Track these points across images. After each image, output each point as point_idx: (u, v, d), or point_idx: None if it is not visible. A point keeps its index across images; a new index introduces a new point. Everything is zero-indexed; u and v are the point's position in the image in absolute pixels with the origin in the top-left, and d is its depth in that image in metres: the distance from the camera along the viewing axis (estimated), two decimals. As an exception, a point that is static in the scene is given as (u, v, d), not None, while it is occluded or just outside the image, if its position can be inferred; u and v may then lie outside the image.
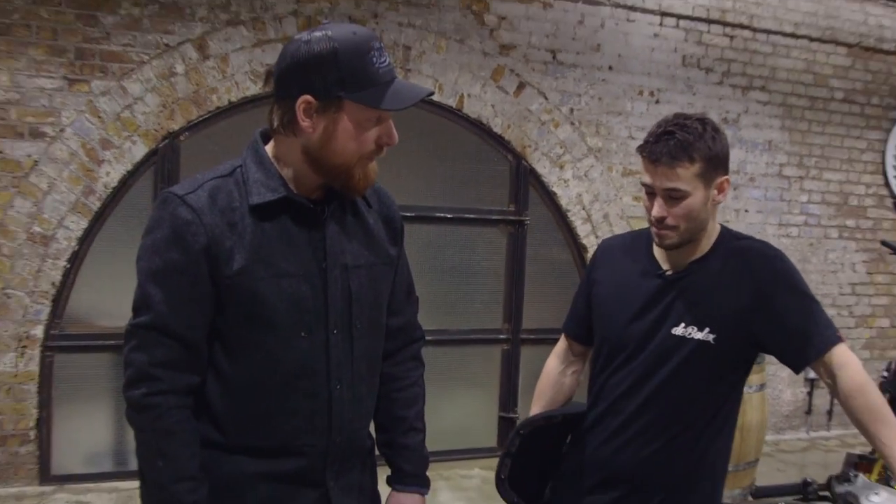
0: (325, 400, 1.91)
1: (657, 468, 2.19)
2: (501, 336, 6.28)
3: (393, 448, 2.20)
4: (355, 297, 1.94)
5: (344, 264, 1.92)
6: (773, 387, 6.94)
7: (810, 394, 7.38)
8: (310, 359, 1.89)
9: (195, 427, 1.87)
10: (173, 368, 1.82)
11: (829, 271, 7.38)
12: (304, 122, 1.80)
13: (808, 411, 7.40)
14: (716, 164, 2.10)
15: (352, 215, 1.97)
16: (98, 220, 5.17)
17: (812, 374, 7.03)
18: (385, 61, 1.81)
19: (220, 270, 1.80)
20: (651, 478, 2.20)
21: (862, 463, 3.75)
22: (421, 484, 2.21)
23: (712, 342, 2.12)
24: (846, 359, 2.10)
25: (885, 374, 4.57)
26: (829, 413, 7.47)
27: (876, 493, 2.00)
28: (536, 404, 2.53)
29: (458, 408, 6.12)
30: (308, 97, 1.78)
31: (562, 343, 2.55)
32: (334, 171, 1.84)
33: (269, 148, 1.90)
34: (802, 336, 2.11)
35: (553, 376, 2.52)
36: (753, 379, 5.28)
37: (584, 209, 6.36)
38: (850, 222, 7.46)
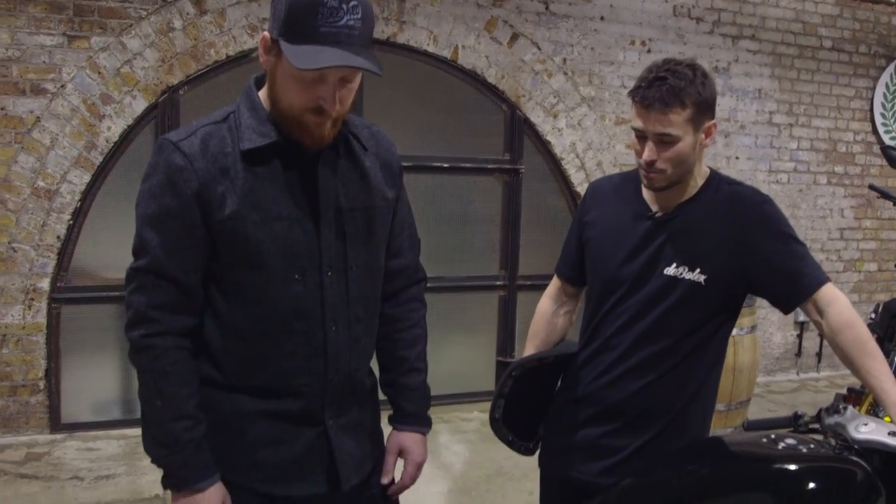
0: (321, 341, 1.94)
1: (648, 403, 2.25)
2: (498, 282, 6.40)
3: (394, 388, 2.23)
4: (350, 239, 1.96)
5: (338, 207, 1.93)
6: (763, 330, 7.08)
7: (800, 336, 7.51)
8: (304, 301, 1.91)
9: (193, 367, 1.92)
10: (170, 311, 1.86)
11: (819, 217, 7.48)
12: (262, 58, 1.83)
13: (798, 353, 7.54)
14: (705, 109, 2.13)
15: (346, 159, 1.97)
16: (100, 174, 5.24)
17: (802, 318, 7.18)
18: (340, 22, 1.72)
19: (213, 215, 1.82)
20: (642, 412, 2.25)
21: (851, 396, 3.85)
22: (422, 423, 2.25)
23: (703, 283, 2.17)
24: (834, 296, 2.15)
25: (873, 315, 4.65)
26: (819, 355, 7.61)
27: (864, 424, 2.03)
28: (530, 344, 2.58)
29: (456, 353, 6.25)
30: (266, 34, 1.81)
31: (554, 284, 2.59)
32: (282, 116, 1.84)
33: (262, 93, 1.91)
34: (791, 277, 2.16)
35: (546, 317, 2.58)
36: (744, 321, 5.40)
37: (577, 157, 6.44)
38: (839, 168, 7.55)
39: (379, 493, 2.17)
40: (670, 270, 2.20)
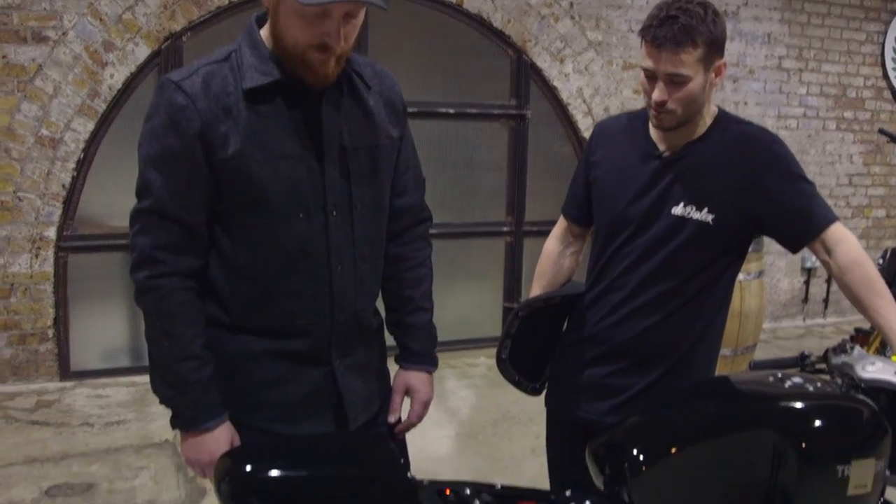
0: (327, 281, 1.94)
1: (655, 342, 2.25)
2: (504, 229, 6.39)
3: (400, 327, 2.24)
4: (355, 178, 1.94)
5: (342, 146, 1.91)
6: (771, 276, 7.07)
7: (807, 283, 7.51)
8: (309, 241, 1.90)
9: (199, 308, 1.92)
10: (175, 251, 1.85)
11: (827, 163, 7.44)
12: None
13: (805, 300, 7.55)
14: (716, 48, 2.10)
15: (350, 97, 1.95)
16: (104, 123, 5.22)
17: (809, 264, 7.16)
18: None
19: (216, 154, 1.81)
20: (649, 352, 2.26)
21: (859, 336, 3.85)
22: (428, 362, 2.26)
23: (711, 223, 2.15)
24: (843, 235, 2.13)
25: (881, 261, 4.64)
26: (826, 302, 7.61)
27: (871, 363, 2.03)
28: (536, 285, 2.57)
29: (463, 299, 6.28)
30: None
31: (560, 225, 2.58)
32: (285, 54, 1.81)
33: (264, 31, 1.88)
34: (800, 216, 2.15)
35: (553, 257, 2.57)
36: (752, 266, 5.39)
37: (584, 103, 6.39)
38: (849, 114, 7.48)
39: (386, 432, 2.18)
40: (678, 210, 2.19)
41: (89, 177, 5.26)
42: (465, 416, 5.02)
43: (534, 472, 3.05)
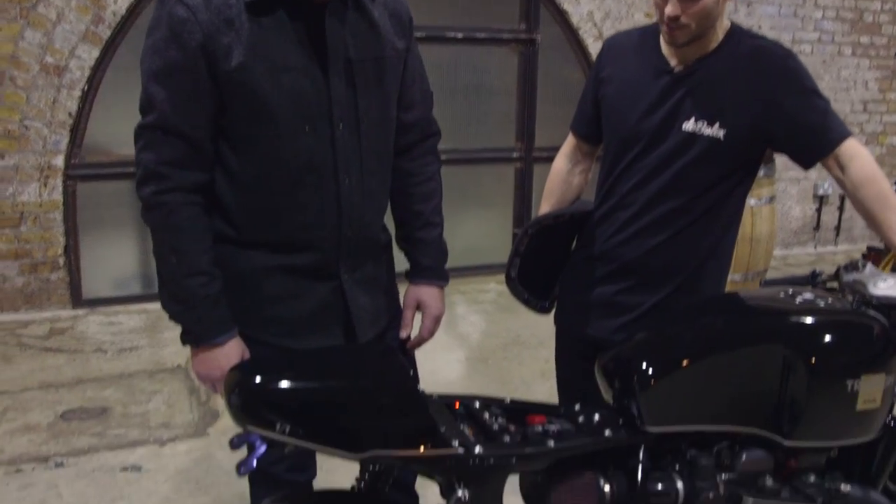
0: (334, 194, 1.93)
1: (664, 260, 2.24)
2: (514, 155, 6.36)
3: (410, 242, 2.24)
4: (361, 91, 1.92)
5: (347, 58, 1.89)
6: (782, 203, 7.03)
7: (819, 210, 7.47)
8: (315, 154, 1.89)
9: (207, 224, 1.91)
10: (180, 166, 1.84)
11: (842, 89, 7.33)
12: None
13: (817, 227, 7.51)
14: None
15: (354, 9, 1.92)
16: (109, 49, 5.16)
17: (821, 191, 7.11)
18: None
19: (219, 66, 1.78)
20: (657, 269, 2.25)
21: (871, 254, 3.82)
22: (440, 276, 2.26)
23: (722, 138, 2.12)
24: (856, 151, 2.10)
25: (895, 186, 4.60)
26: (837, 229, 7.58)
27: (883, 280, 2.02)
28: (545, 203, 2.56)
29: (473, 226, 6.27)
30: None
31: (569, 143, 2.55)
32: None
33: None
34: (813, 132, 2.12)
35: (562, 175, 2.55)
36: (763, 191, 5.35)
37: (595, 27, 6.28)
38: (865, 39, 7.35)
39: (395, 348, 2.18)
40: (689, 126, 2.16)
41: (95, 104, 5.22)
42: (476, 341, 5.04)
43: (543, 395, 3.06)
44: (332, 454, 1.67)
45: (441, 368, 4.52)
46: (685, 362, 1.89)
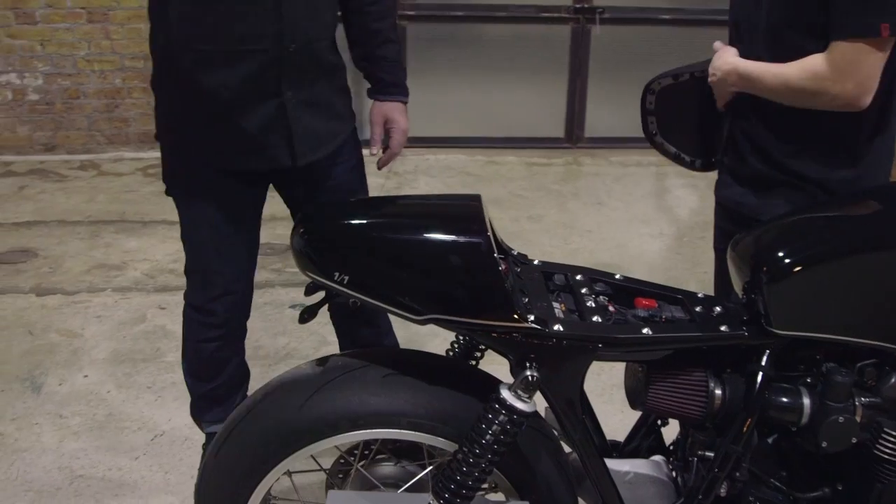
0: (273, 4, 1.89)
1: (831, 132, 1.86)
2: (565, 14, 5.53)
3: (370, 60, 2.22)
4: None
5: None
6: None
7: None
8: None
9: None
10: None
11: None
12: None
13: None
14: None
15: None
16: None
17: None
18: None
19: None
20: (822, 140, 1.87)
21: None
22: (402, 92, 2.26)
23: None
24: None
25: None
26: None
27: None
28: None
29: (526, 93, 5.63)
30: None
31: None
32: None
33: None
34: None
35: None
36: None
37: None
38: None
39: (348, 169, 2.20)
40: None
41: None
42: (675, 217, 4.76)
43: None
44: (391, 313, 1.52)
45: (631, 241, 4.34)
46: (830, 259, 1.54)
